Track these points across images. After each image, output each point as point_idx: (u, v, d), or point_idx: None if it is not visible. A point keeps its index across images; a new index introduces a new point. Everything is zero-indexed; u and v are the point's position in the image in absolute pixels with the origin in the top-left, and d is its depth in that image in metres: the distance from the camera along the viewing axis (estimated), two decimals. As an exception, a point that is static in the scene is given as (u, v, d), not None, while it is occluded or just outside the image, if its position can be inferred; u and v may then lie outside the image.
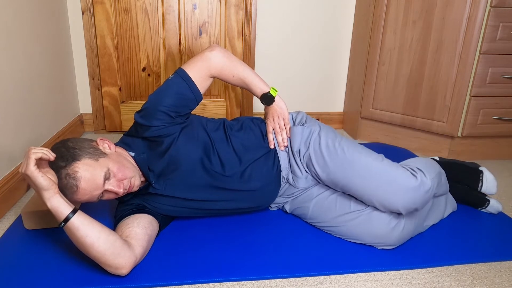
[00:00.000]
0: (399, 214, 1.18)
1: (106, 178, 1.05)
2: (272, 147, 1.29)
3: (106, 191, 1.07)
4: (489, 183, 1.40)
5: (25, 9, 1.55)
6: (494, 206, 1.42)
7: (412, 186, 1.11)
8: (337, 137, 1.26)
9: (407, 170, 1.16)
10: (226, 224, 1.32)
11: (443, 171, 1.34)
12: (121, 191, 1.08)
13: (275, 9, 2.25)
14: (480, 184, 1.41)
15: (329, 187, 1.28)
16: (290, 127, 1.30)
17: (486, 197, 1.44)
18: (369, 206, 1.20)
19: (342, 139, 1.25)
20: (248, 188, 1.23)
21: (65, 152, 1.02)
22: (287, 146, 1.29)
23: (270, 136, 1.29)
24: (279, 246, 1.21)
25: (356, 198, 1.23)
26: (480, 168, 1.42)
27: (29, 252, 1.13)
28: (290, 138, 1.29)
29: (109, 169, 1.06)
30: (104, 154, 1.08)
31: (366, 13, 2.14)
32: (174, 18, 2.15)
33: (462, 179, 1.43)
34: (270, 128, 1.30)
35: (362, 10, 2.21)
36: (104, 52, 2.13)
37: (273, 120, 1.29)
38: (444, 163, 1.45)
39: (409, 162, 1.29)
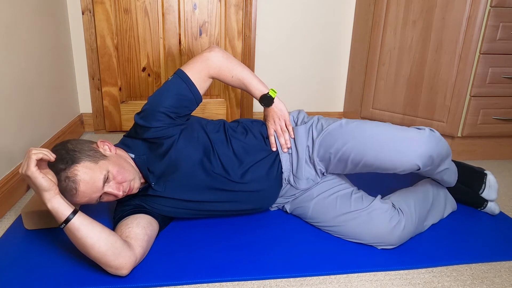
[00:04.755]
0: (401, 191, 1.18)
1: (106, 180, 1.05)
2: (274, 149, 1.28)
3: (105, 193, 1.07)
4: (491, 187, 1.39)
5: (25, 9, 1.55)
6: (491, 208, 1.42)
7: (422, 136, 1.09)
8: (337, 119, 1.26)
9: (414, 128, 1.15)
10: (226, 224, 1.32)
11: (453, 163, 1.34)
12: (120, 193, 1.08)
13: (275, 9, 2.25)
14: (483, 187, 1.40)
15: (334, 184, 1.28)
16: (293, 128, 1.29)
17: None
18: (369, 205, 1.20)
19: (343, 119, 1.25)
20: (248, 190, 1.23)
21: (65, 155, 1.02)
22: (290, 148, 1.29)
23: (272, 139, 1.28)
24: (279, 246, 1.21)
25: (356, 200, 1.23)
26: (485, 172, 1.42)
27: (29, 252, 1.13)
28: (294, 139, 1.29)
29: (109, 172, 1.06)
30: (104, 156, 1.08)
31: (366, 13, 2.14)
32: (174, 18, 2.15)
33: (465, 179, 1.43)
34: (271, 131, 1.29)
35: (362, 10, 2.21)
36: (104, 52, 2.13)
37: (274, 122, 1.28)
38: None
39: None
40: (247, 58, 2.28)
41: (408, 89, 2.01)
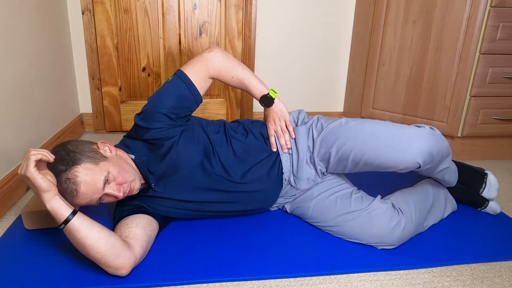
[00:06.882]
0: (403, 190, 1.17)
1: (106, 182, 1.05)
2: (274, 150, 1.28)
3: (106, 194, 1.06)
4: (491, 186, 1.39)
5: (25, 9, 1.55)
6: (492, 207, 1.42)
7: (423, 133, 1.09)
8: (337, 119, 1.26)
9: (414, 126, 1.15)
10: (226, 224, 1.32)
11: (453, 163, 1.33)
12: (120, 194, 1.07)
13: (275, 9, 2.25)
14: (483, 186, 1.41)
15: (334, 183, 1.28)
16: (293, 128, 1.29)
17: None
18: (369, 205, 1.20)
19: (342, 118, 1.25)
20: (248, 190, 1.23)
21: (65, 156, 1.02)
22: (290, 148, 1.29)
23: (272, 139, 1.28)
24: (279, 246, 1.21)
25: (356, 200, 1.23)
26: (485, 171, 1.42)
27: (29, 252, 1.13)
28: (295, 139, 1.28)
29: (110, 173, 1.05)
30: (104, 157, 1.08)
31: (366, 13, 2.14)
32: (174, 18, 2.15)
33: (466, 179, 1.43)
34: (271, 131, 1.29)
35: (362, 10, 2.20)
36: (104, 52, 2.13)
37: (274, 122, 1.28)
38: None
39: None
40: (247, 58, 2.28)
41: (408, 89, 2.01)
